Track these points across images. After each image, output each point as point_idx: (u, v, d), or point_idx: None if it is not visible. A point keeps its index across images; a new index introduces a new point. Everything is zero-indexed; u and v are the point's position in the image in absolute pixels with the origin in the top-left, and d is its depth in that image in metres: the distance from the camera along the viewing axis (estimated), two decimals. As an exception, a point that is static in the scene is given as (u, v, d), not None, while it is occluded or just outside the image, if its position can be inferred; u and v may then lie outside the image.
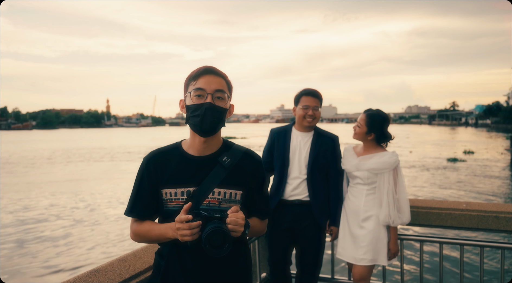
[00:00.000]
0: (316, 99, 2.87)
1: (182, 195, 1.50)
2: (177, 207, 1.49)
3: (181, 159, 1.54)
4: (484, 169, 19.47)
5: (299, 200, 2.84)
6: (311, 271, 2.89)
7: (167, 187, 1.51)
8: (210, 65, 1.54)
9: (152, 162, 1.54)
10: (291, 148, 2.89)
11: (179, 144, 1.59)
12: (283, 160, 2.88)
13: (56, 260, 7.88)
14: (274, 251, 2.93)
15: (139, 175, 1.55)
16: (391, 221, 2.65)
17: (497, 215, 2.74)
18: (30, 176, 20.08)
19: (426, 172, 18.55)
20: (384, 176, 2.68)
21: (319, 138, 2.89)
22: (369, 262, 2.67)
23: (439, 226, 2.93)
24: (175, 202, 1.50)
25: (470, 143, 37.09)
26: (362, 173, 2.72)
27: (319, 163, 2.84)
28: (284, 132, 2.96)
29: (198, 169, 1.53)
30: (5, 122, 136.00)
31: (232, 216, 1.37)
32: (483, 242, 2.75)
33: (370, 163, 2.70)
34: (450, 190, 14.18)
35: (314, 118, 2.85)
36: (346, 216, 2.81)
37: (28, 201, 13.51)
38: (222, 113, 1.50)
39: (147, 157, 1.56)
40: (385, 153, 2.73)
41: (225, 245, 1.30)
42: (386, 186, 2.67)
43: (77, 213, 11.86)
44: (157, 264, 1.57)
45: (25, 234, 9.73)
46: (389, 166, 2.66)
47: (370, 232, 2.68)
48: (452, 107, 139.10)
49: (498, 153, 27.56)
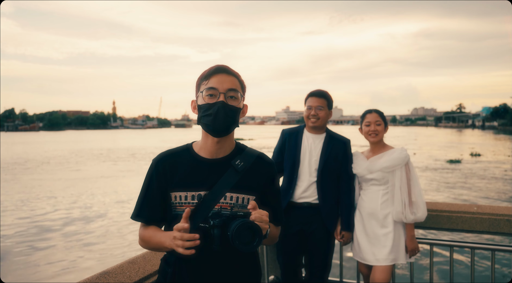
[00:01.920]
0: (321, 99, 2.81)
1: (192, 199, 1.44)
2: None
3: (192, 161, 1.48)
4: (491, 171, 19.29)
5: (308, 202, 2.81)
6: (320, 274, 2.86)
7: (176, 190, 1.45)
8: (223, 64, 1.47)
9: (161, 163, 1.47)
10: (302, 149, 2.86)
11: (189, 146, 1.53)
12: (293, 161, 2.84)
13: (79, 261, 7.93)
14: (285, 254, 2.90)
15: (148, 177, 1.49)
16: (404, 217, 2.63)
17: (509, 218, 2.70)
18: (81, 172, 21.14)
19: (430, 173, 18.40)
20: (396, 173, 2.65)
21: (330, 141, 2.84)
22: (392, 261, 2.66)
23: (449, 230, 2.89)
24: (185, 206, 1.43)
25: (477, 145, 36.77)
26: (376, 174, 2.69)
27: (330, 166, 2.80)
28: (295, 133, 2.93)
29: (210, 172, 1.46)
30: (12, 123, 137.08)
31: (256, 213, 1.29)
32: (495, 246, 2.71)
33: (382, 162, 2.67)
34: (458, 193, 14.05)
35: (318, 118, 2.80)
36: (362, 219, 2.76)
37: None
38: (236, 112, 1.43)
39: (156, 159, 1.49)
40: (394, 150, 2.71)
41: (255, 240, 1.24)
42: (398, 182, 2.64)
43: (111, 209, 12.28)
44: (163, 271, 1.50)
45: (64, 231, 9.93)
46: (400, 162, 2.64)
47: (391, 231, 2.66)
48: (459, 109, 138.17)
49: (506, 155, 27.29)
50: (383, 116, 2.78)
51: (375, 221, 2.71)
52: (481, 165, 21.77)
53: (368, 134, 2.74)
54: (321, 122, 2.82)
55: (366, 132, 2.75)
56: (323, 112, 2.82)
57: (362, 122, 2.80)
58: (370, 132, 2.73)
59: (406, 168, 2.67)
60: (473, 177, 17.59)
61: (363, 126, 2.79)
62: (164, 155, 1.50)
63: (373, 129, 2.72)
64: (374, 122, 2.73)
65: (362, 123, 2.81)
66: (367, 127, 2.75)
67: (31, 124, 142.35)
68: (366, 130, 2.75)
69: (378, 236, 2.69)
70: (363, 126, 2.79)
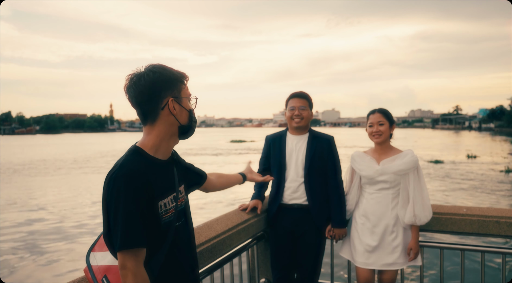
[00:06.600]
0: (303, 100, 2.86)
1: (172, 203, 1.46)
2: (172, 217, 1.46)
3: (159, 166, 1.46)
4: (487, 173, 19.33)
5: (298, 204, 2.83)
6: (310, 275, 2.87)
7: (161, 198, 1.42)
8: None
9: (140, 175, 1.35)
10: (287, 152, 2.88)
11: (140, 150, 1.44)
12: (279, 165, 2.86)
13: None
14: (277, 256, 2.91)
15: (130, 194, 1.31)
16: (417, 220, 2.62)
17: (498, 220, 2.70)
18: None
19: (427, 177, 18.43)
20: (409, 176, 2.64)
21: (314, 140, 2.86)
22: (401, 265, 2.66)
23: (439, 231, 2.89)
24: (170, 212, 1.44)
25: (474, 147, 36.85)
26: (388, 176, 2.65)
27: (316, 165, 2.81)
28: (279, 137, 2.96)
29: (169, 173, 1.52)
30: (9, 126, 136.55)
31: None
32: (485, 248, 2.72)
33: (396, 165, 2.63)
34: (452, 195, 14.07)
35: (301, 118, 2.83)
36: (370, 224, 2.72)
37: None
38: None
39: (131, 173, 1.34)
40: (405, 153, 2.70)
41: None
42: (412, 185, 2.63)
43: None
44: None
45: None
46: (414, 165, 2.62)
47: (400, 234, 2.66)
48: (456, 111, 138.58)
49: (502, 157, 27.36)
50: (387, 115, 2.74)
51: (385, 225, 2.68)
52: (477, 167, 21.82)
53: (372, 135, 2.74)
54: (305, 122, 2.85)
55: (370, 133, 2.75)
56: (306, 112, 2.85)
57: (367, 124, 2.81)
58: (373, 133, 2.73)
59: (417, 170, 2.67)
60: (468, 179, 17.62)
61: (367, 127, 2.79)
62: (137, 167, 1.36)
63: (376, 130, 2.71)
64: (377, 122, 2.72)
65: (367, 124, 2.81)
66: (370, 128, 2.75)
67: (28, 127, 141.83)
68: (369, 131, 2.75)
69: (388, 240, 2.67)
70: (367, 127, 2.79)
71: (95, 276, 1.40)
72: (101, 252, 1.43)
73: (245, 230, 2.65)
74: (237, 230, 2.54)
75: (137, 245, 1.30)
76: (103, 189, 1.36)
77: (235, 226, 2.54)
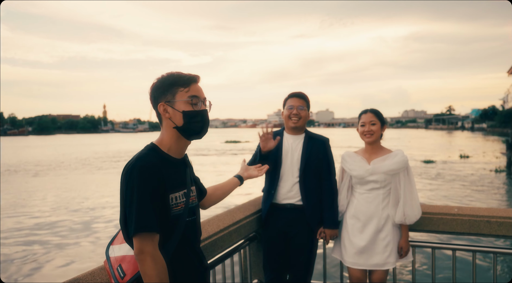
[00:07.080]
0: (301, 100, 2.87)
1: (182, 198, 1.58)
2: (182, 211, 1.56)
3: (173, 162, 1.59)
4: (479, 173, 19.49)
5: (292, 204, 2.83)
6: (303, 276, 2.86)
7: (173, 191, 1.54)
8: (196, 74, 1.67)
9: (155, 167, 1.47)
10: (284, 150, 2.88)
11: (156, 148, 1.58)
12: (275, 163, 2.86)
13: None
14: (269, 257, 2.90)
15: (143, 183, 1.42)
16: (407, 219, 2.65)
17: (488, 220, 2.71)
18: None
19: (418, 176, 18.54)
20: (400, 175, 2.67)
21: (310, 141, 2.88)
22: (392, 265, 2.68)
23: (431, 231, 2.90)
24: (180, 206, 1.56)
25: (466, 147, 37.14)
26: (379, 176, 2.68)
27: (312, 165, 2.82)
28: (275, 136, 2.94)
29: (182, 171, 1.64)
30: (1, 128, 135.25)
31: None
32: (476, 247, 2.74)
33: (387, 165, 2.66)
34: (443, 195, 14.16)
35: (299, 117, 2.84)
36: (361, 224, 2.73)
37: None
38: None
39: (147, 164, 1.46)
40: (395, 152, 2.72)
41: None
42: (403, 185, 2.66)
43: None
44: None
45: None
46: (404, 165, 2.65)
47: (389, 234, 2.68)
48: (449, 111, 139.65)
49: (494, 156, 27.60)
50: (378, 115, 2.77)
51: (375, 224, 2.69)
52: (470, 167, 21.99)
53: (364, 135, 2.76)
54: (302, 122, 2.86)
55: (361, 132, 2.77)
56: (304, 112, 2.87)
57: (359, 123, 2.83)
58: (365, 133, 2.75)
59: (407, 170, 2.69)
60: (460, 179, 17.75)
61: (359, 127, 2.81)
62: (152, 161, 1.49)
63: (368, 129, 2.73)
64: (369, 122, 2.74)
65: (359, 124, 2.83)
66: (362, 127, 2.77)
67: (20, 129, 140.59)
68: (361, 130, 2.77)
69: (378, 239, 2.68)
70: (359, 127, 2.81)
71: (112, 266, 1.53)
72: (119, 245, 1.56)
73: (237, 231, 2.63)
74: (228, 231, 2.53)
75: (151, 229, 1.39)
76: (121, 179, 1.48)
77: (226, 227, 2.52)
